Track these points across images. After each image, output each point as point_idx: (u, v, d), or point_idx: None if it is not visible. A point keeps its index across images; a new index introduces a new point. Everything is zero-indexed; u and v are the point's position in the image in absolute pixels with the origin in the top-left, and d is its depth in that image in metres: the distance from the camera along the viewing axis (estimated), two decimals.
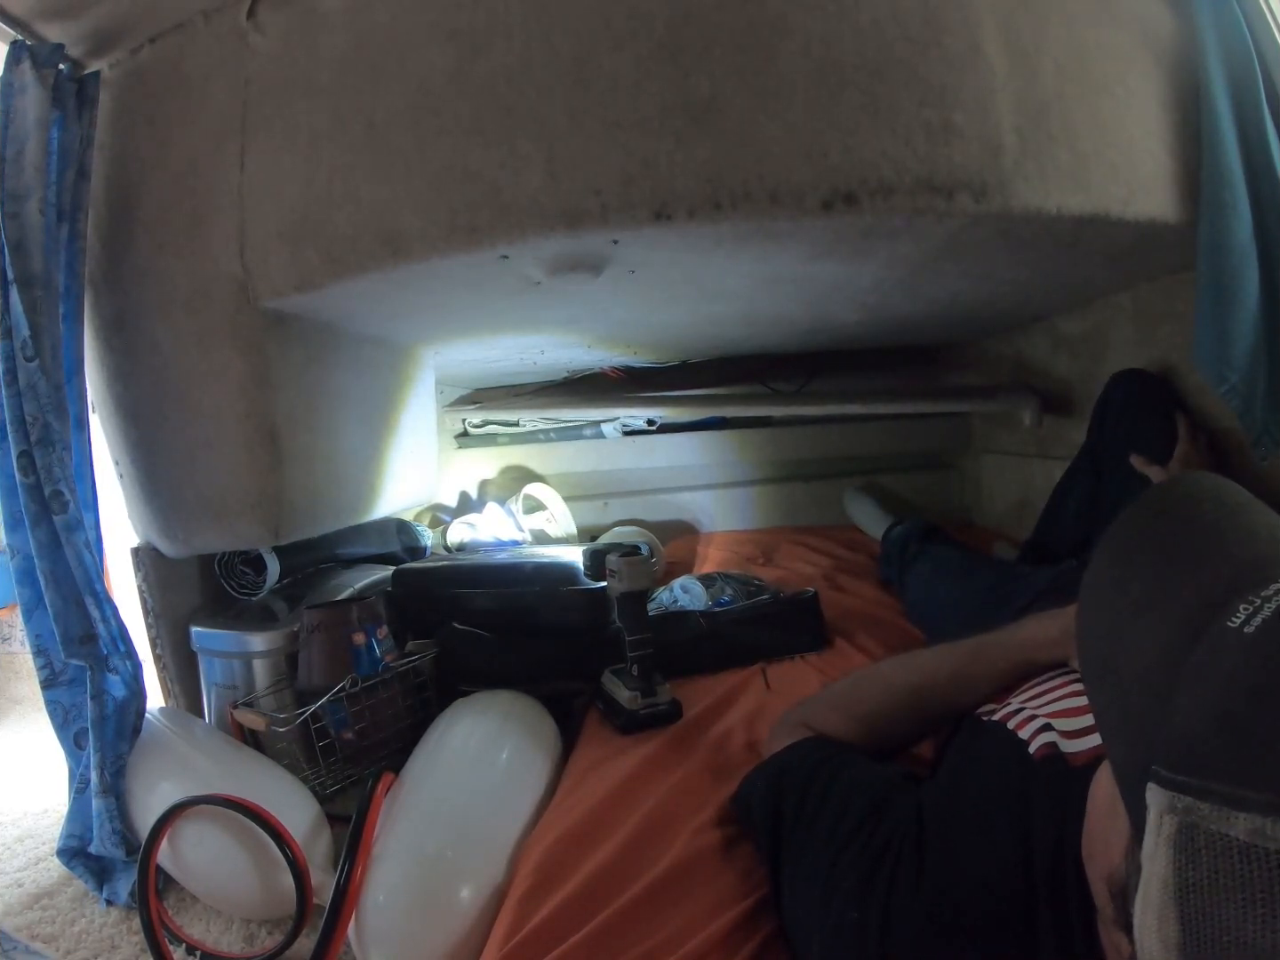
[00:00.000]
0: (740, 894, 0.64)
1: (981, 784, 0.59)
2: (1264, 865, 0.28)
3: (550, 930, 0.61)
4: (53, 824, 1.24)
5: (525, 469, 2.30)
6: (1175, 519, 0.42)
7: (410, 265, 0.95)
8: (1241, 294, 0.95)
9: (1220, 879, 0.29)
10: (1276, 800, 0.29)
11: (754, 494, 2.26)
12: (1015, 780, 0.56)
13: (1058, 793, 0.51)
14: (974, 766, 0.63)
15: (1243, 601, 0.34)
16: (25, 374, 0.99)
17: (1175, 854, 0.31)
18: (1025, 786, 0.55)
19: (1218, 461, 1.14)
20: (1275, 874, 0.28)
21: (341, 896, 0.81)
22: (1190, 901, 0.30)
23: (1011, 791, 0.55)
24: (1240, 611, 0.33)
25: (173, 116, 1.11)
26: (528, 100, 0.89)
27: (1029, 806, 0.53)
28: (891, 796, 0.60)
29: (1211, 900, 0.30)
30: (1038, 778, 0.55)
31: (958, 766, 0.66)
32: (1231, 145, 0.94)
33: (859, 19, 0.86)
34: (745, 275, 1.12)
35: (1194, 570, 0.38)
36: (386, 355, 1.51)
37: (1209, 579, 0.37)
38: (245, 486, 1.15)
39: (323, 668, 1.15)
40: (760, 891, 0.64)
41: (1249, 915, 0.28)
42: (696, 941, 0.58)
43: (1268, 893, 0.28)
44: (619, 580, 1.01)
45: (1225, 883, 0.29)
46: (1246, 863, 0.29)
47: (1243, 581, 0.35)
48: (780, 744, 0.74)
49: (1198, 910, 0.30)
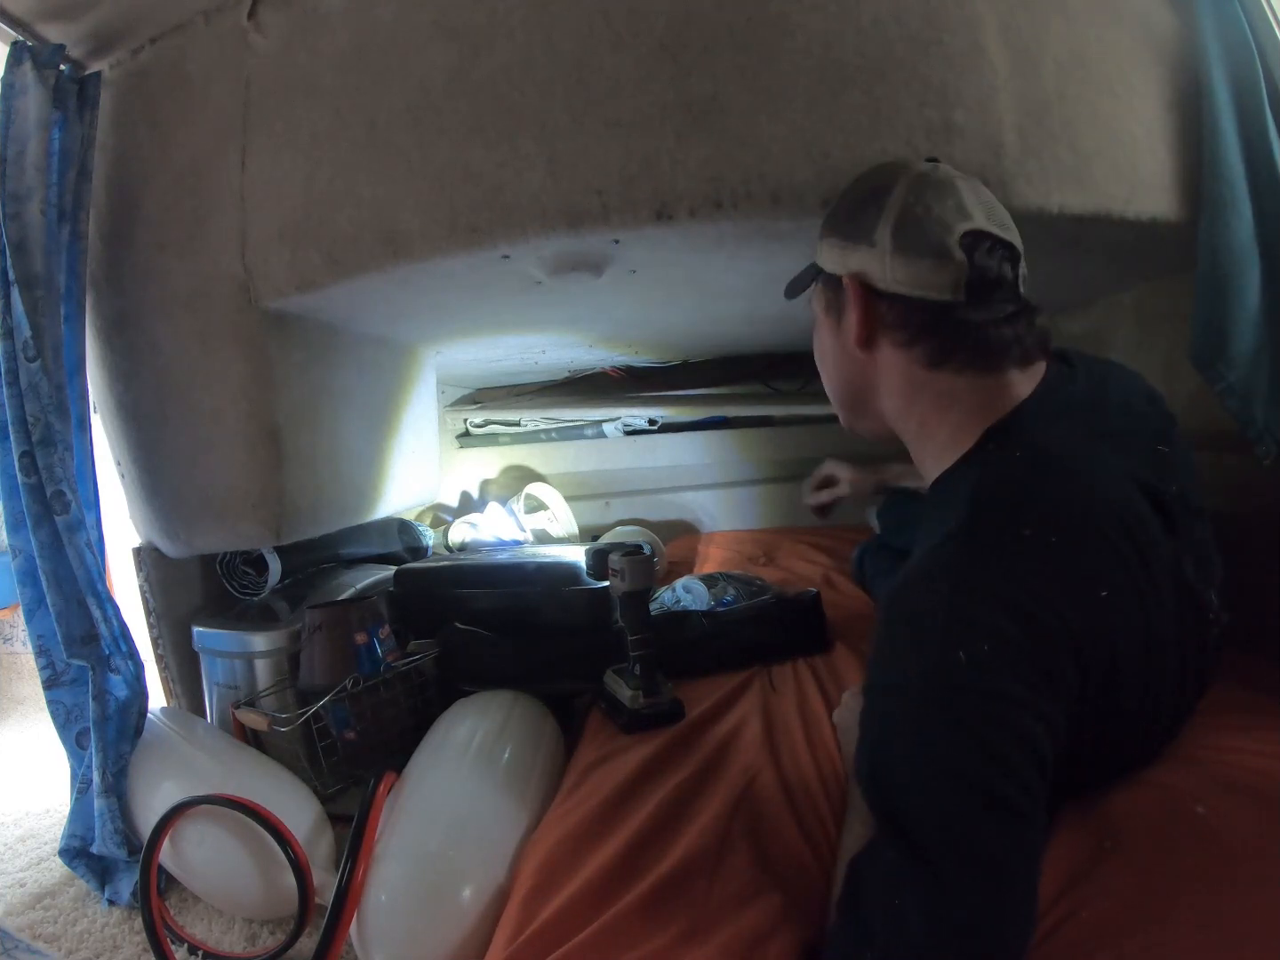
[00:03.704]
0: (745, 895, 0.64)
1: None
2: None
3: (554, 930, 0.61)
4: (55, 824, 1.25)
5: (527, 468, 2.30)
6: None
7: (411, 265, 0.95)
8: (1241, 293, 0.95)
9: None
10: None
11: (756, 493, 2.26)
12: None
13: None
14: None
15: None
16: (27, 374, 1.00)
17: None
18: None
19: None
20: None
21: (343, 896, 0.81)
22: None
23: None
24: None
25: (174, 117, 1.12)
26: (529, 100, 0.89)
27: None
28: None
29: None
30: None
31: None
32: (1232, 144, 0.94)
33: (860, 18, 0.86)
34: (746, 274, 1.12)
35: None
36: (388, 355, 1.52)
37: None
38: (247, 486, 1.15)
39: (325, 668, 1.15)
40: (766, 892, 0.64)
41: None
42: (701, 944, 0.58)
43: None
44: (621, 580, 1.01)
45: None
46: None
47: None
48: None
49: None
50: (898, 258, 0.64)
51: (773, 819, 0.73)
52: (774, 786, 0.79)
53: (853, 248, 0.68)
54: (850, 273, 0.68)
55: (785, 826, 0.72)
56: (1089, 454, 0.61)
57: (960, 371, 0.64)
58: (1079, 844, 0.58)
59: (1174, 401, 0.73)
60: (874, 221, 0.66)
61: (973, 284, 0.62)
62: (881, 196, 0.67)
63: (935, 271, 0.63)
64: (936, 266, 0.63)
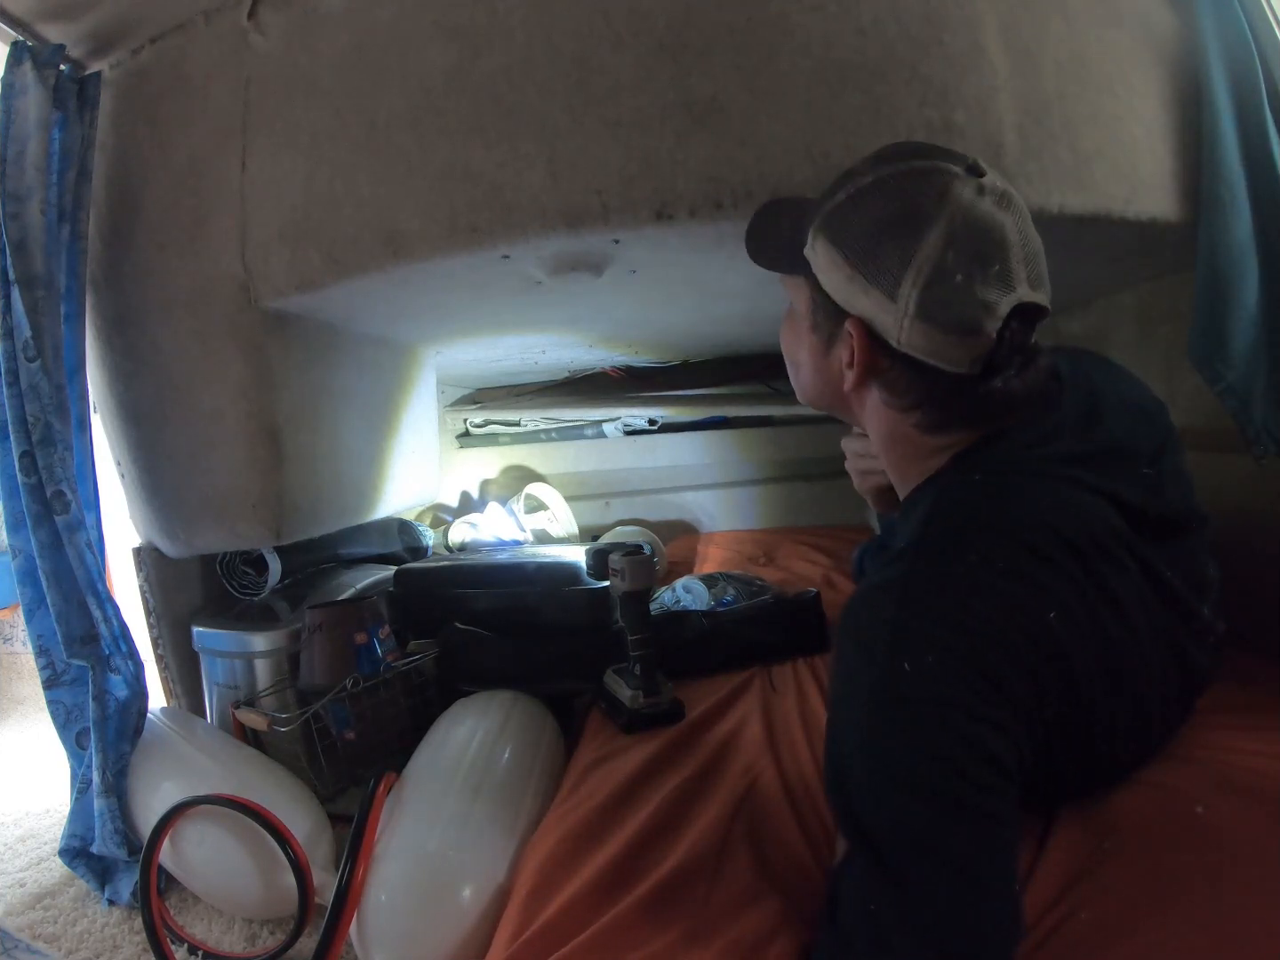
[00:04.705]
0: (746, 898, 0.64)
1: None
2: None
3: (555, 931, 0.61)
4: (55, 824, 1.25)
5: (527, 468, 2.30)
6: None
7: (411, 265, 0.95)
8: (1240, 293, 0.95)
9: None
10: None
11: (756, 493, 2.26)
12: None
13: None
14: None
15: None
16: (27, 374, 1.00)
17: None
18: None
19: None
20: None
21: (343, 896, 0.81)
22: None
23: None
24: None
25: (174, 117, 1.12)
26: (529, 100, 0.89)
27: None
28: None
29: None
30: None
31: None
32: (1232, 144, 0.94)
33: (860, 18, 0.86)
34: (746, 274, 1.11)
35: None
36: (388, 355, 1.51)
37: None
38: (247, 486, 1.15)
39: (325, 668, 1.15)
40: (766, 895, 0.64)
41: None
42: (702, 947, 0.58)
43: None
44: (622, 579, 1.01)
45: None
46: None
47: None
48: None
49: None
50: (919, 324, 0.56)
51: (774, 820, 0.73)
52: (775, 787, 0.79)
53: (867, 289, 0.58)
54: (857, 315, 0.60)
55: (786, 828, 0.72)
56: (1055, 478, 0.59)
57: (953, 433, 0.61)
58: (1079, 844, 0.58)
59: (1174, 401, 0.73)
60: (899, 270, 0.56)
61: (993, 358, 0.56)
62: (911, 238, 0.55)
63: (958, 347, 0.56)
64: (961, 343, 0.56)
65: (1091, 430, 0.63)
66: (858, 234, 0.59)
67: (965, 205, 0.55)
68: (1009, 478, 0.59)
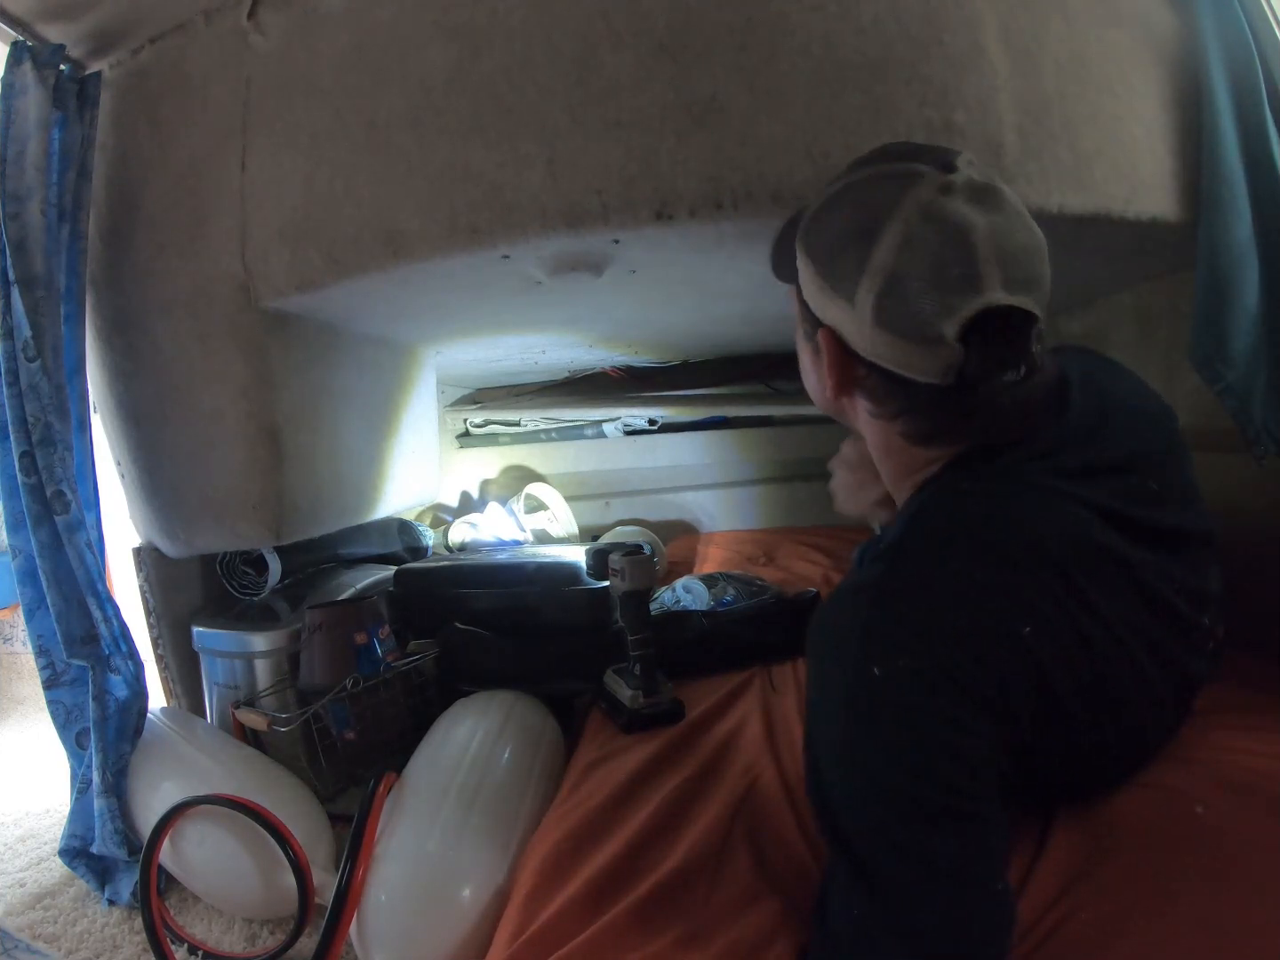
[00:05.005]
0: (746, 900, 0.64)
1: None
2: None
3: (555, 931, 0.61)
4: (55, 824, 1.25)
5: (527, 468, 2.30)
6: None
7: (411, 265, 0.95)
8: (1240, 293, 0.95)
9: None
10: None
11: (756, 494, 2.26)
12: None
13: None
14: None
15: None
16: (27, 374, 1.00)
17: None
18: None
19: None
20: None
21: (343, 896, 0.81)
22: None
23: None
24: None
25: (173, 117, 1.12)
26: (529, 100, 0.89)
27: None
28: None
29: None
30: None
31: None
32: (1232, 144, 0.94)
33: (860, 18, 0.86)
34: (747, 274, 1.12)
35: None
36: (388, 355, 1.52)
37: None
38: (247, 486, 1.15)
39: (325, 668, 1.15)
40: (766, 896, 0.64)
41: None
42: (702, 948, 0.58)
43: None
44: (622, 579, 1.01)
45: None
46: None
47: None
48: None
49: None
50: (880, 332, 0.54)
51: (774, 821, 0.73)
52: (775, 787, 0.79)
53: (831, 296, 0.58)
54: (827, 324, 0.60)
55: (786, 829, 0.72)
56: (1046, 490, 0.58)
57: (942, 445, 0.60)
58: (1079, 844, 0.58)
59: (1174, 401, 0.73)
60: (855, 274, 0.54)
61: (967, 371, 0.53)
62: (866, 243, 0.54)
63: (926, 356, 0.53)
64: (925, 353, 0.53)
65: (1096, 441, 0.61)
66: (825, 242, 0.59)
67: (923, 206, 0.53)
68: (997, 489, 0.58)
